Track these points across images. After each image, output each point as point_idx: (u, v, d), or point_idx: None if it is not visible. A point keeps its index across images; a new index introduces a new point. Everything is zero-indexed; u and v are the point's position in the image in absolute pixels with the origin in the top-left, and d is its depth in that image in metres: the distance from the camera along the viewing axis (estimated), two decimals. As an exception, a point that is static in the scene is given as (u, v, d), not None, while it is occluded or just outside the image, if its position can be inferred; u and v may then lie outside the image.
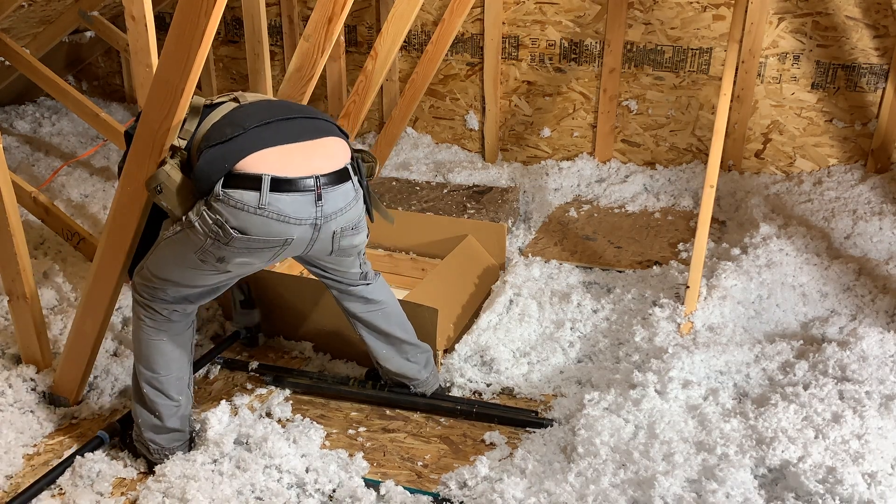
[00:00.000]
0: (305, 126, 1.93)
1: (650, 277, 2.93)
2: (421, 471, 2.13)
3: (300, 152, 1.87)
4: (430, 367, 2.38)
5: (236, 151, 1.80)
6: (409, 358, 2.33)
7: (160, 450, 2.08)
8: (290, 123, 1.91)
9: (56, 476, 2.06)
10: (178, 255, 1.91)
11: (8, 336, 2.53)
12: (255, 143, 1.82)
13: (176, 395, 2.07)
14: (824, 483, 1.79)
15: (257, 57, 3.37)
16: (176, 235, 1.89)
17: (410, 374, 2.34)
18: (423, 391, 2.37)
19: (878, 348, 2.31)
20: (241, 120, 1.86)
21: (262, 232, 1.82)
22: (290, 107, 2.00)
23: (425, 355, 2.36)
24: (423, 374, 2.36)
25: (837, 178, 3.47)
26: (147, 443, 2.08)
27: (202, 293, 2.03)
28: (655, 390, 2.19)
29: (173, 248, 1.91)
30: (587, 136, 3.92)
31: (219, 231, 1.80)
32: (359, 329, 2.30)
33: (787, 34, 3.45)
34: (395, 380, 2.37)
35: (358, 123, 3.11)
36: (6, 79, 4.19)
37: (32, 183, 3.66)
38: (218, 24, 1.73)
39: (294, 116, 1.94)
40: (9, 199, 2.13)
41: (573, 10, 3.71)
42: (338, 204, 1.90)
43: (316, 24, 2.40)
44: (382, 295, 2.28)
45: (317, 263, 2.17)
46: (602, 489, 1.86)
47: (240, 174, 1.79)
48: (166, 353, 2.05)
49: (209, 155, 1.80)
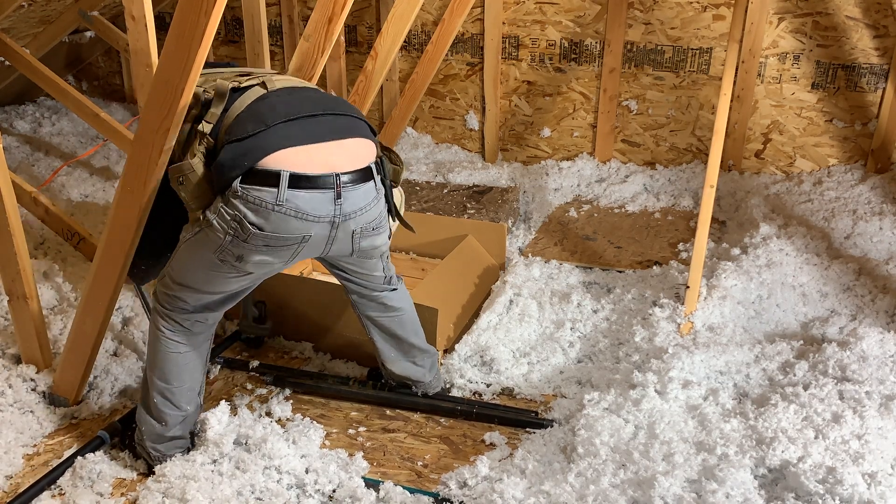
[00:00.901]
0: (332, 125, 1.90)
1: (650, 277, 2.93)
2: (421, 470, 2.13)
3: (322, 150, 1.85)
4: (435, 370, 2.38)
5: (257, 149, 1.78)
6: (415, 362, 2.33)
7: (160, 456, 2.08)
8: (316, 121, 1.88)
9: (56, 476, 2.06)
10: (197, 257, 1.90)
11: (8, 336, 2.52)
12: (277, 141, 1.80)
13: (185, 406, 2.07)
14: (824, 483, 1.79)
15: (257, 57, 3.37)
16: (195, 237, 1.88)
17: (415, 377, 2.34)
18: (424, 392, 2.37)
19: (878, 348, 2.31)
20: (264, 115, 1.83)
21: (280, 229, 1.80)
22: (317, 100, 1.95)
23: (431, 359, 2.36)
24: (427, 377, 2.36)
25: (837, 178, 3.47)
26: (148, 449, 2.08)
27: (222, 300, 2.02)
28: (655, 390, 2.19)
29: (192, 251, 1.91)
30: (587, 136, 3.92)
31: (237, 227, 1.79)
32: (371, 332, 2.28)
33: (787, 34, 3.45)
34: (398, 381, 2.37)
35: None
36: (6, 79, 4.19)
37: (32, 183, 3.66)
38: (218, 24, 1.73)
39: (320, 113, 1.91)
40: (9, 199, 2.13)
41: (573, 10, 3.71)
42: (358, 203, 1.87)
43: (316, 24, 2.40)
44: (403, 302, 2.27)
45: (340, 265, 2.15)
46: (602, 489, 1.86)
47: (259, 170, 1.77)
48: (182, 365, 2.04)
49: (230, 151, 1.79)
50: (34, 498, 2.00)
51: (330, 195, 1.82)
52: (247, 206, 1.77)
